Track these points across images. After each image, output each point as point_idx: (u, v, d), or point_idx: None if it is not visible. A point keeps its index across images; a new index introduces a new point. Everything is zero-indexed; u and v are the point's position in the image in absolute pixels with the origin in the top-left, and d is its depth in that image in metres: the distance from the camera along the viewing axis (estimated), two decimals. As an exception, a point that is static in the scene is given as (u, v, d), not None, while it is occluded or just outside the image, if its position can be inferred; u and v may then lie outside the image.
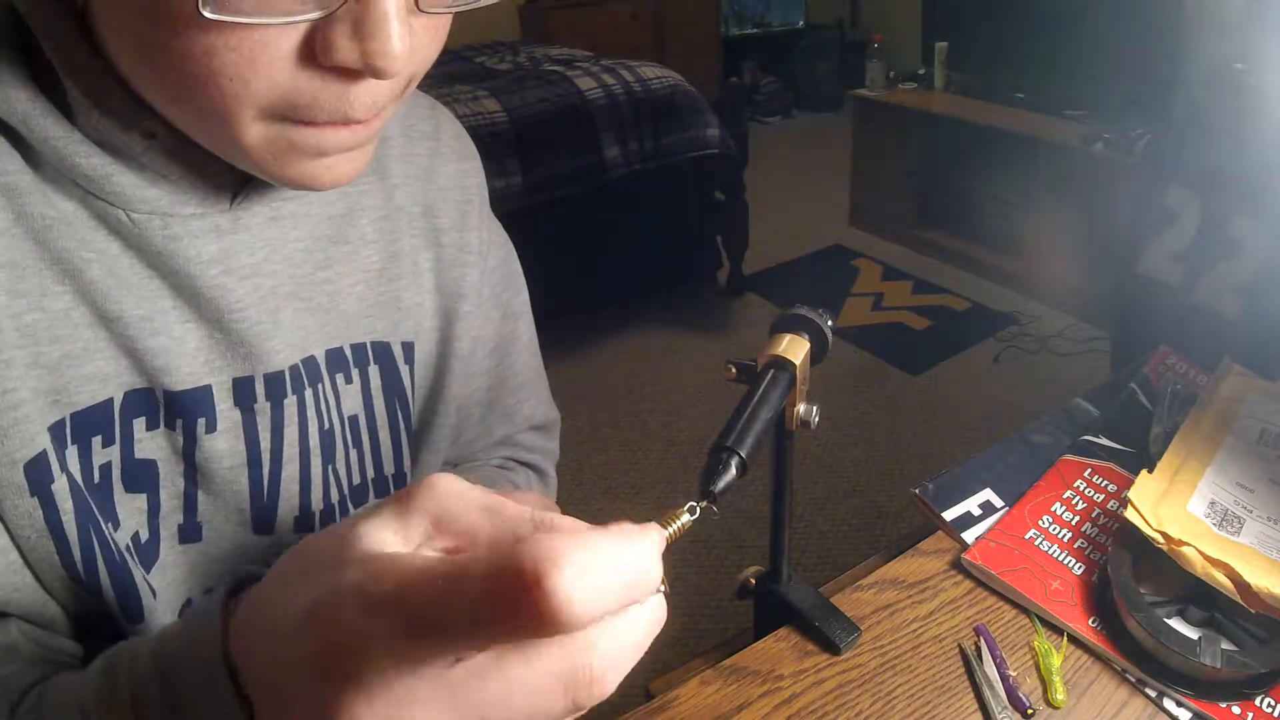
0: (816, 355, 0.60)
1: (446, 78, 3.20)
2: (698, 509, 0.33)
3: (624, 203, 2.85)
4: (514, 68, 3.26)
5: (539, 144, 2.65)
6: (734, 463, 0.46)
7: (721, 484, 0.45)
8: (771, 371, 0.56)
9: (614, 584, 0.24)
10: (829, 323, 0.60)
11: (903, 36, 4.17)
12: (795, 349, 0.58)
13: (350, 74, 0.37)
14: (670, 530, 0.32)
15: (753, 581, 0.76)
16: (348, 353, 0.54)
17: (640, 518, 0.35)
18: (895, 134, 3.55)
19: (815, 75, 5.46)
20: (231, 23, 0.33)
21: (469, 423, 0.68)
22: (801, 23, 5.63)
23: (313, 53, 0.36)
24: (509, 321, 0.68)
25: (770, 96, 5.50)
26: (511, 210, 2.61)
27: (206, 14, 0.32)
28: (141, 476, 0.47)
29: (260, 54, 0.35)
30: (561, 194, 2.70)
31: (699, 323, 3.17)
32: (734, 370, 0.59)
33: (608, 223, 2.87)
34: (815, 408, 0.61)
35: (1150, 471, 0.75)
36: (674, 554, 0.29)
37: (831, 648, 0.68)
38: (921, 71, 3.60)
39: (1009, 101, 3.23)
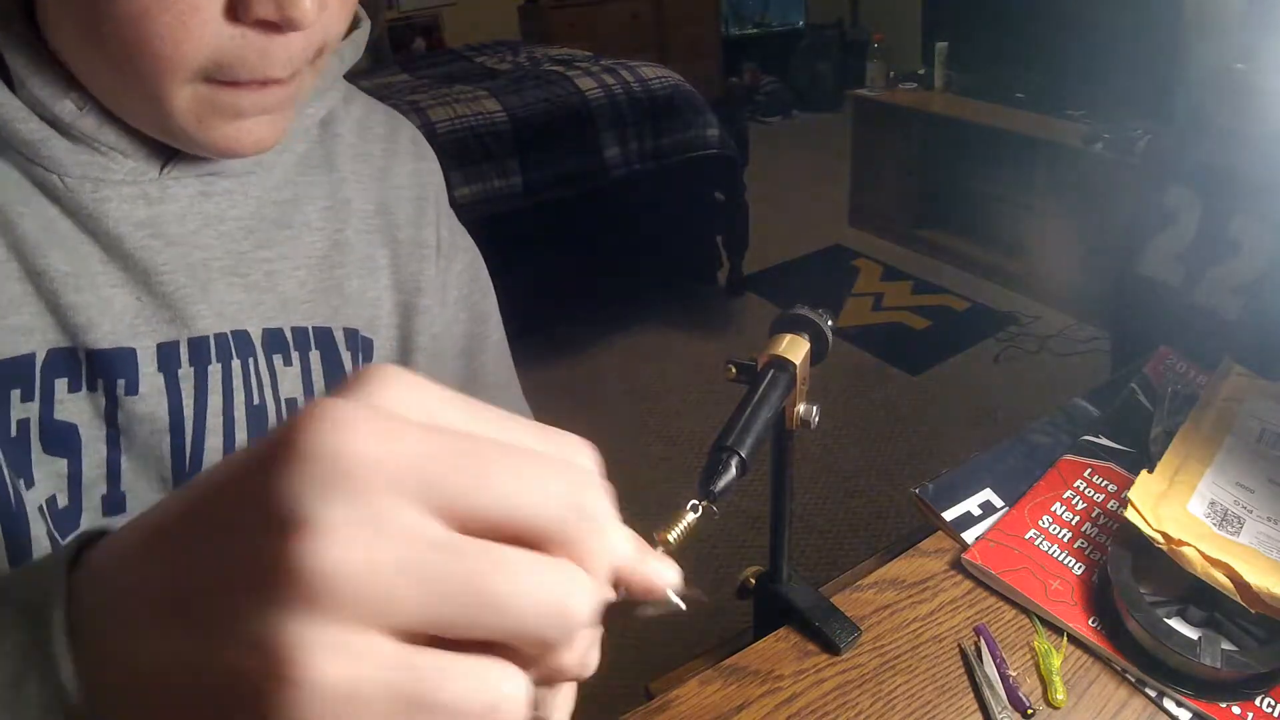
0: (816, 355, 0.60)
1: (446, 78, 3.20)
2: (700, 506, 0.33)
3: (624, 203, 2.85)
4: (514, 68, 3.27)
5: (539, 144, 2.65)
6: (734, 462, 0.46)
7: (721, 484, 0.45)
8: (771, 371, 0.56)
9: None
10: (829, 323, 0.60)
11: (903, 36, 4.17)
12: (795, 349, 0.58)
13: (269, 28, 0.41)
14: (675, 533, 0.32)
15: (752, 581, 0.76)
16: (287, 335, 0.55)
17: (640, 518, 0.35)
18: (895, 134, 3.55)
19: (815, 75, 5.46)
20: None
21: None
22: (801, 23, 5.63)
23: (235, 13, 0.40)
24: (477, 323, 0.69)
25: (770, 96, 5.50)
26: (511, 210, 2.62)
27: None
28: (61, 439, 0.47)
29: (191, 15, 0.39)
30: (561, 194, 2.70)
31: (699, 323, 3.16)
32: (734, 370, 0.59)
33: (608, 223, 2.87)
34: (815, 408, 0.61)
35: (1150, 471, 0.75)
36: (673, 553, 0.29)
37: (831, 648, 0.68)
38: (921, 71, 3.60)
39: (1009, 101, 3.23)
